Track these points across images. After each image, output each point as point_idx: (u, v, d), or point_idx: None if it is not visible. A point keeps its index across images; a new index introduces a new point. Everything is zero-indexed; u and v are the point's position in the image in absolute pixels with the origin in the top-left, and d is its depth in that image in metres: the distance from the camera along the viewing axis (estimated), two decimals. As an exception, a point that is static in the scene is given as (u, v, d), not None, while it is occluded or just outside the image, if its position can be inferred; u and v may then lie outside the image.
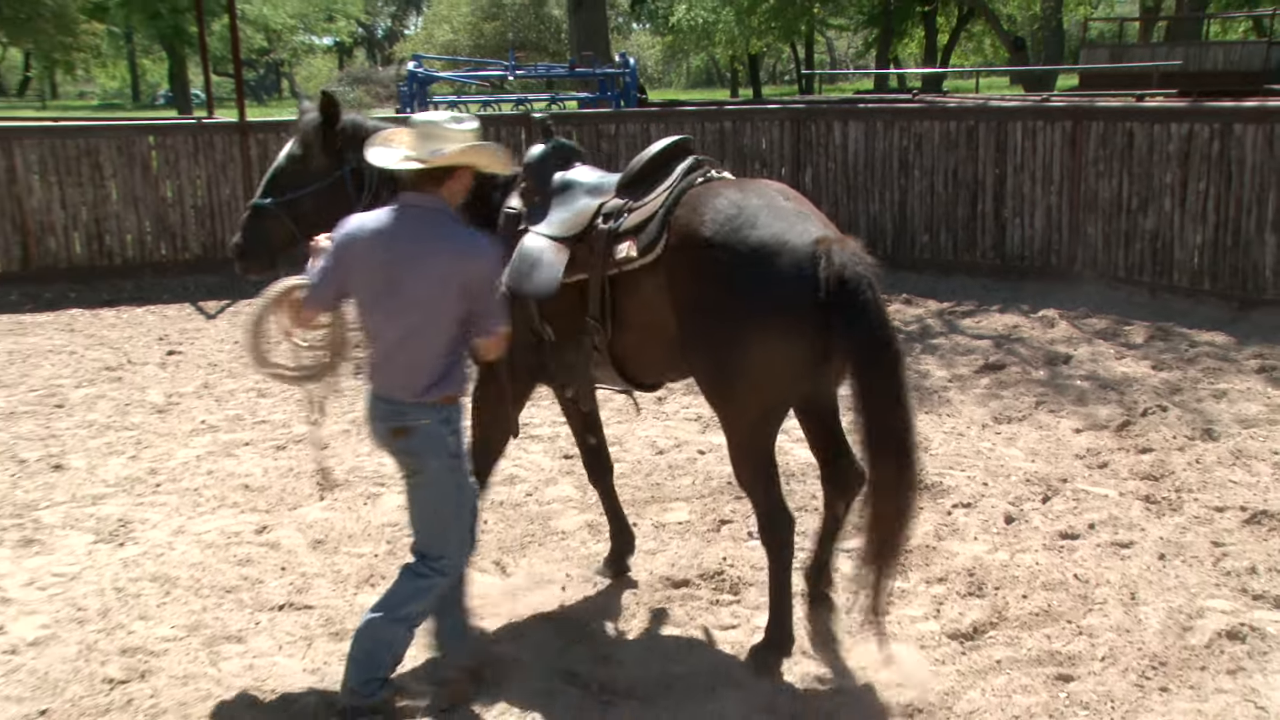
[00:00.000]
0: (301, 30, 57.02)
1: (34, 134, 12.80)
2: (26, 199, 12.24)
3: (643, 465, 6.99)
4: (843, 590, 5.08)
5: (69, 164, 12.42)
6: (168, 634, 4.99)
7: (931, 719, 4.27)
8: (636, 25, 59.46)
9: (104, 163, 12.53)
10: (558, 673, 4.64)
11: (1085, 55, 31.90)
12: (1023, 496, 6.37)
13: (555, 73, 22.23)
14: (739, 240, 4.27)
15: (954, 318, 10.72)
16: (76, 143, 12.56)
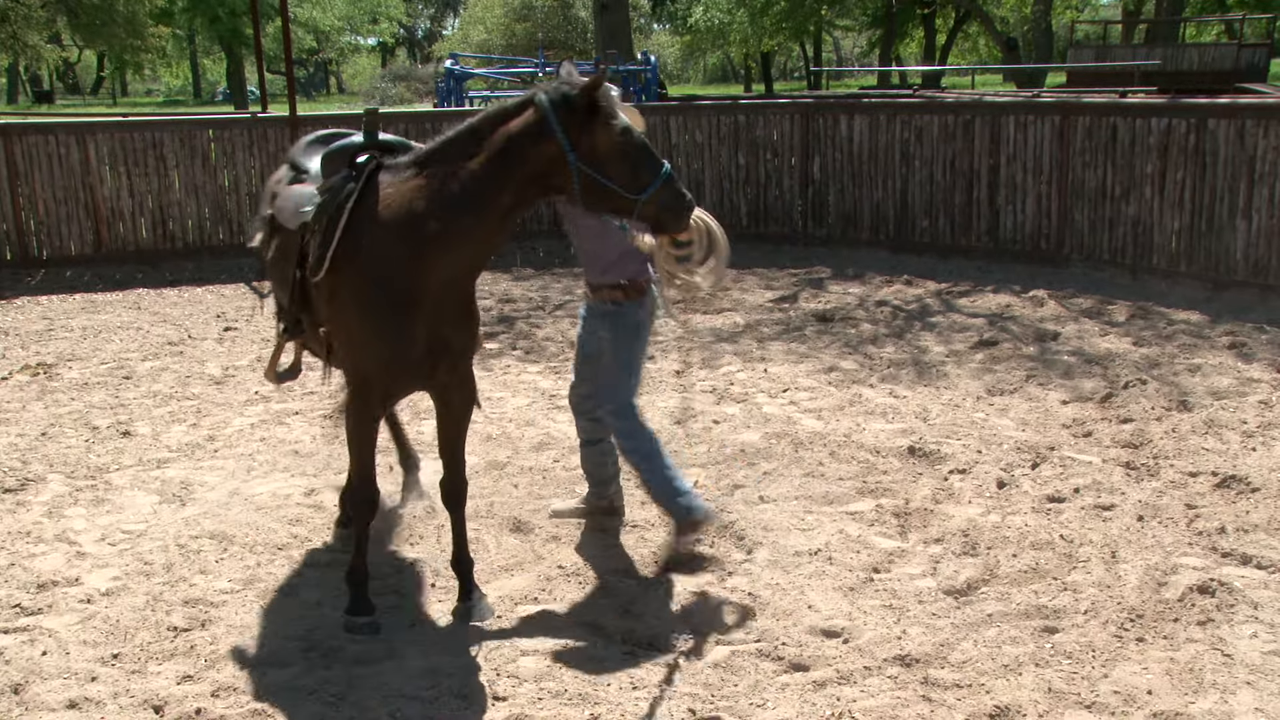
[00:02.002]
0: (348, 31, 56.95)
1: (106, 128, 12.83)
2: (99, 188, 12.29)
3: (661, 434, 6.92)
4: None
5: (136, 156, 12.46)
6: (225, 587, 5.01)
7: (928, 668, 4.25)
8: (657, 25, 59.11)
9: (168, 155, 12.56)
10: (582, 625, 4.64)
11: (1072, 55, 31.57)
12: (1013, 463, 6.33)
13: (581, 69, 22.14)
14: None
15: (951, 297, 10.64)
16: (143, 136, 12.59)
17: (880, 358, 8.65)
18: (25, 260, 12.05)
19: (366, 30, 60.31)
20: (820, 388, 7.89)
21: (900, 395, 7.68)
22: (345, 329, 4.45)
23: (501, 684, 4.19)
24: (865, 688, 4.14)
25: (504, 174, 4.24)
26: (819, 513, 5.73)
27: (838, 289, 11.16)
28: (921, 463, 6.37)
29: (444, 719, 3.97)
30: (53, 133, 12.38)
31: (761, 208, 13.20)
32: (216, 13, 42.98)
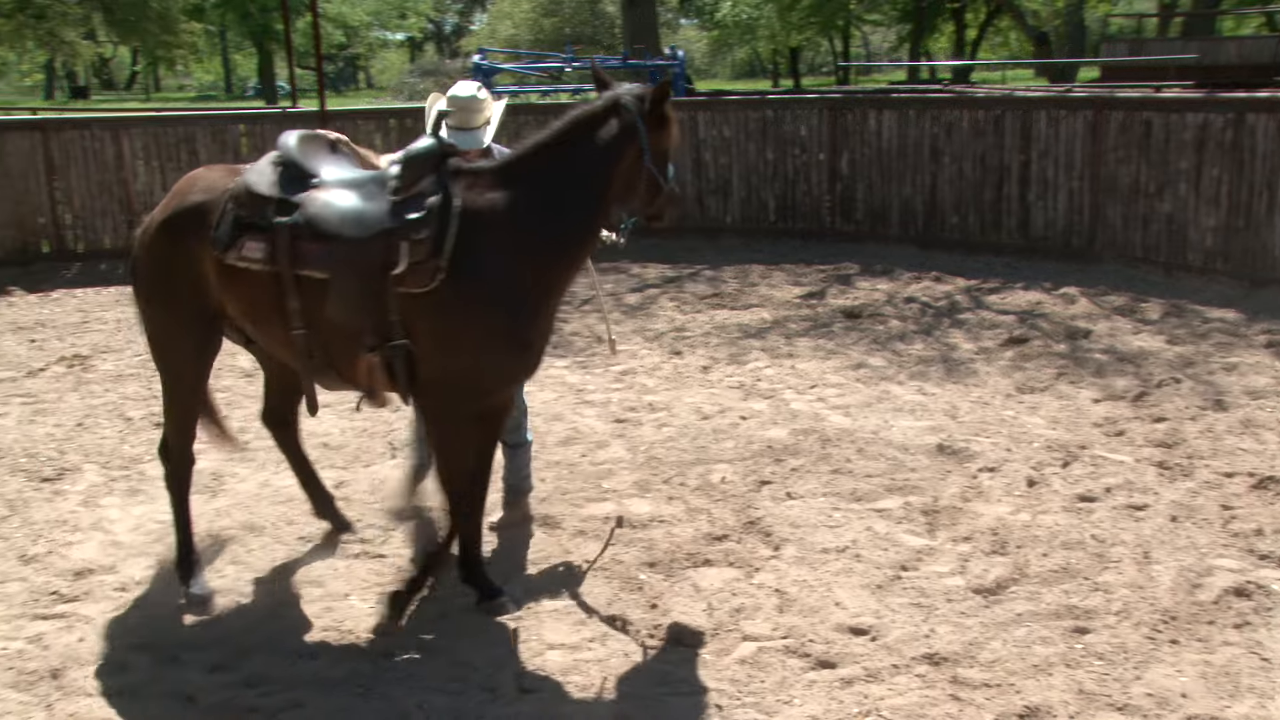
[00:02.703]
0: (376, 27, 57.07)
1: (139, 123, 12.97)
2: (132, 182, 12.40)
3: (689, 429, 6.97)
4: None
5: (169, 150, 12.56)
6: (255, 577, 5.05)
7: (956, 667, 4.22)
8: (685, 20, 59.00)
9: (200, 149, 12.64)
10: (608, 619, 4.64)
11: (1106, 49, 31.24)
12: (1044, 462, 6.28)
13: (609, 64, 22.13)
14: None
15: (980, 294, 10.56)
16: (176, 131, 12.70)
17: (909, 354, 8.60)
18: (62, 253, 12.17)
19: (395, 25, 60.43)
20: (848, 384, 7.86)
21: (929, 392, 7.64)
22: (460, 337, 4.31)
23: (528, 678, 4.20)
24: (893, 686, 4.12)
25: (608, 174, 4.41)
26: (846, 510, 5.70)
27: (866, 285, 11.11)
28: (950, 460, 6.33)
29: (471, 712, 3.98)
30: (88, 128, 12.52)
31: (789, 203, 13.14)
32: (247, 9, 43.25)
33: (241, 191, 4.49)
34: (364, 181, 4.47)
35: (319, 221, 4.36)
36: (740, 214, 13.28)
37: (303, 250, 4.36)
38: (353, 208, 4.37)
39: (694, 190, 13.35)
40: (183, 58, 41.09)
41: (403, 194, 4.33)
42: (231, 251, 4.43)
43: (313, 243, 4.35)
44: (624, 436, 6.87)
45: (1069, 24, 37.16)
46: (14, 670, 4.28)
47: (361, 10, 51.36)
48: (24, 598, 4.89)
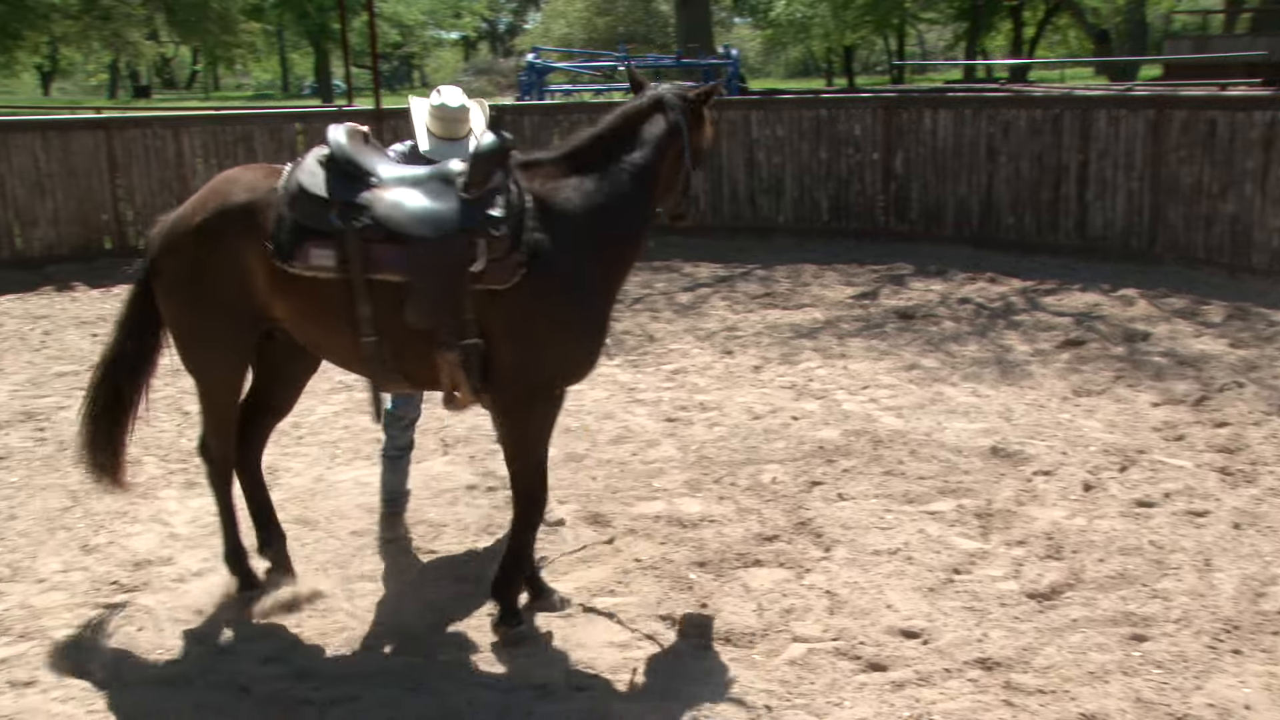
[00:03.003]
0: (431, 26, 57.53)
1: (198, 122, 13.19)
2: (192, 179, 12.58)
3: (740, 429, 6.95)
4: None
5: (227, 148, 12.75)
6: (307, 571, 5.09)
7: (1010, 672, 4.17)
8: (739, 19, 58.84)
9: (257, 147, 12.83)
10: (657, 618, 4.64)
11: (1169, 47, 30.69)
12: (1101, 466, 6.19)
13: (663, 64, 22.14)
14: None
15: (1036, 295, 10.43)
16: (234, 129, 12.90)
17: (963, 356, 8.51)
18: (123, 249, 12.38)
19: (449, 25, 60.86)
20: (901, 385, 7.80)
21: (983, 394, 7.55)
22: (536, 332, 4.29)
23: (578, 676, 4.21)
24: (945, 690, 4.08)
25: (658, 169, 4.47)
26: (899, 512, 5.66)
27: (919, 285, 11.01)
28: (1004, 463, 6.26)
29: (521, 709, 4.00)
30: (150, 126, 12.74)
31: (843, 203, 13.06)
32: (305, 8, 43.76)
33: (298, 195, 4.30)
34: (426, 179, 4.37)
35: (391, 223, 4.23)
36: (793, 213, 13.22)
37: (376, 254, 4.21)
38: (426, 207, 4.26)
39: (746, 190, 13.32)
40: (241, 57, 41.70)
41: (474, 191, 4.27)
42: (296, 260, 4.23)
43: (386, 245, 4.22)
44: (675, 435, 6.87)
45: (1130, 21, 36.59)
46: (77, 658, 4.36)
47: (417, 9, 51.79)
48: (86, 587, 4.98)
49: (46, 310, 10.75)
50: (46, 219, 12.23)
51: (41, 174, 12.15)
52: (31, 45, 32.54)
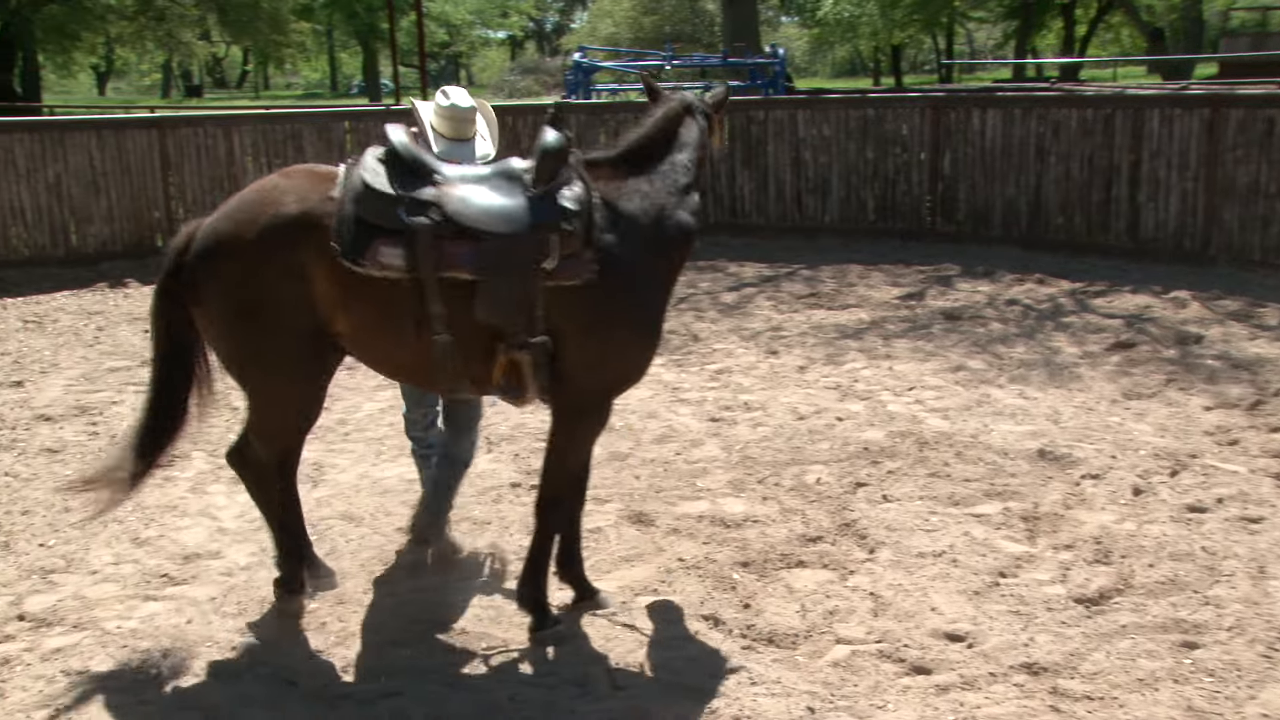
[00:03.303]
0: (478, 25, 57.88)
1: (249, 121, 13.38)
2: (242, 177, 12.75)
3: (784, 430, 6.92)
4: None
5: (276, 146, 12.92)
6: (352, 567, 5.14)
7: (1056, 678, 4.13)
8: (786, 18, 58.62)
9: (305, 145, 12.99)
10: (699, 617, 4.63)
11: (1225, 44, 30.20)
12: (1151, 470, 6.10)
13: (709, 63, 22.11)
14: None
15: (1085, 297, 10.30)
16: (283, 128, 13.06)
17: (1010, 358, 8.43)
18: (173, 247, 12.56)
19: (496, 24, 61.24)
20: (947, 387, 7.73)
21: (1030, 396, 7.47)
22: (605, 328, 4.27)
23: (620, 674, 4.21)
24: (990, 695, 4.04)
25: (695, 170, 4.57)
26: (944, 514, 5.61)
27: (966, 286, 10.92)
28: (1052, 466, 6.19)
29: (563, 706, 4.01)
30: (201, 125, 12.93)
31: (889, 203, 12.98)
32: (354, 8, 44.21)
33: (363, 192, 4.17)
34: (490, 176, 4.32)
35: (462, 219, 4.15)
36: (839, 213, 13.16)
37: (447, 251, 4.12)
38: (496, 204, 4.20)
39: (793, 190, 13.27)
40: (291, 56, 42.18)
41: (541, 187, 4.24)
42: (366, 260, 4.09)
43: (458, 243, 4.13)
44: (719, 435, 6.86)
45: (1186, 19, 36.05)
46: (128, 649, 4.43)
47: (464, 9, 52.13)
48: (136, 579, 5.06)
49: (100, 306, 10.94)
50: (101, 216, 12.45)
51: (96, 172, 12.37)
52: (88, 46, 33.15)
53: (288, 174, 4.44)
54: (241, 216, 4.25)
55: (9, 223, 11.99)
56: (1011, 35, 41.26)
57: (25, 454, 6.72)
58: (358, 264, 4.09)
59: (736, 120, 13.46)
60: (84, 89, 61.80)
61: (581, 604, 4.71)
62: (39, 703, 4.05)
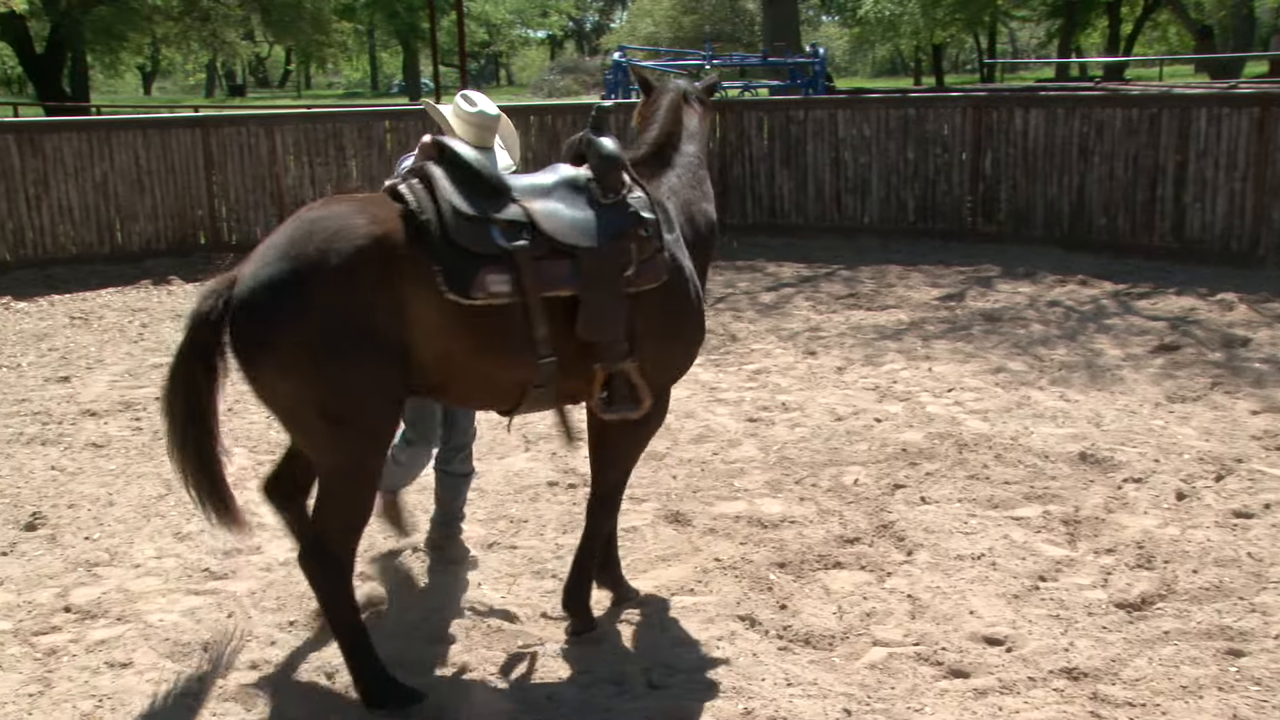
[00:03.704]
0: (518, 24, 58.11)
1: (291, 120, 13.50)
2: (284, 176, 12.89)
3: (822, 430, 6.90)
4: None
5: (318, 146, 13.03)
6: (389, 563, 5.18)
7: (1097, 683, 4.08)
8: (826, 18, 58.38)
9: (346, 145, 13.10)
10: (736, 617, 4.63)
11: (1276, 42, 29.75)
12: (1195, 474, 6.02)
13: (749, 62, 22.06)
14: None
15: (1129, 299, 10.19)
16: (325, 127, 13.17)
17: (1051, 359, 8.35)
18: (217, 245, 12.71)
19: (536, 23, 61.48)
20: (986, 388, 7.67)
21: (1072, 399, 7.40)
22: (672, 328, 4.29)
23: (656, 673, 4.22)
24: (1029, 699, 4.01)
25: (705, 159, 4.68)
26: (983, 516, 5.57)
27: (1007, 287, 10.83)
28: (1093, 470, 6.12)
29: (599, 705, 4.02)
30: (244, 124, 13.07)
31: (929, 203, 12.89)
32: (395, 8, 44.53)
33: (458, 218, 3.90)
34: (557, 187, 4.18)
35: (556, 236, 4.01)
36: (878, 214, 13.09)
37: (546, 271, 3.97)
38: (579, 217, 4.09)
39: (832, 189, 13.22)
40: (333, 56, 42.52)
41: (611, 196, 4.18)
42: (476, 291, 3.82)
43: (554, 261, 3.99)
44: (756, 436, 6.85)
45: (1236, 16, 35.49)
46: (170, 641, 4.49)
47: (504, 8, 52.37)
48: (179, 573, 5.13)
49: (144, 303, 11.08)
50: (145, 214, 12.61)
51: (142, 171, 12.53)
52: (135, 46, 33.57)
53: (332, 204, 3.97)
54: (302, 255, 3.72)
55: (57, 221, 12.18)
56: (1055, 34, 40.85)
57: (71, 449, 6.83)
58: (470, 297, 3.82)
59: (776, 120, 13.43)
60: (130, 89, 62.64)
61: (620, 605, 4.72)
62: (84, 694, 4.12)
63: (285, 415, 3.93)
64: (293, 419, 3.91)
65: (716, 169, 13.59)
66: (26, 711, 4.01)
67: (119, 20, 28.05)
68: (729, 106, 14.29)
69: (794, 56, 19.88)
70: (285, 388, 3.77)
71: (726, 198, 13.63)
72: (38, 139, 12.08)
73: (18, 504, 5.94)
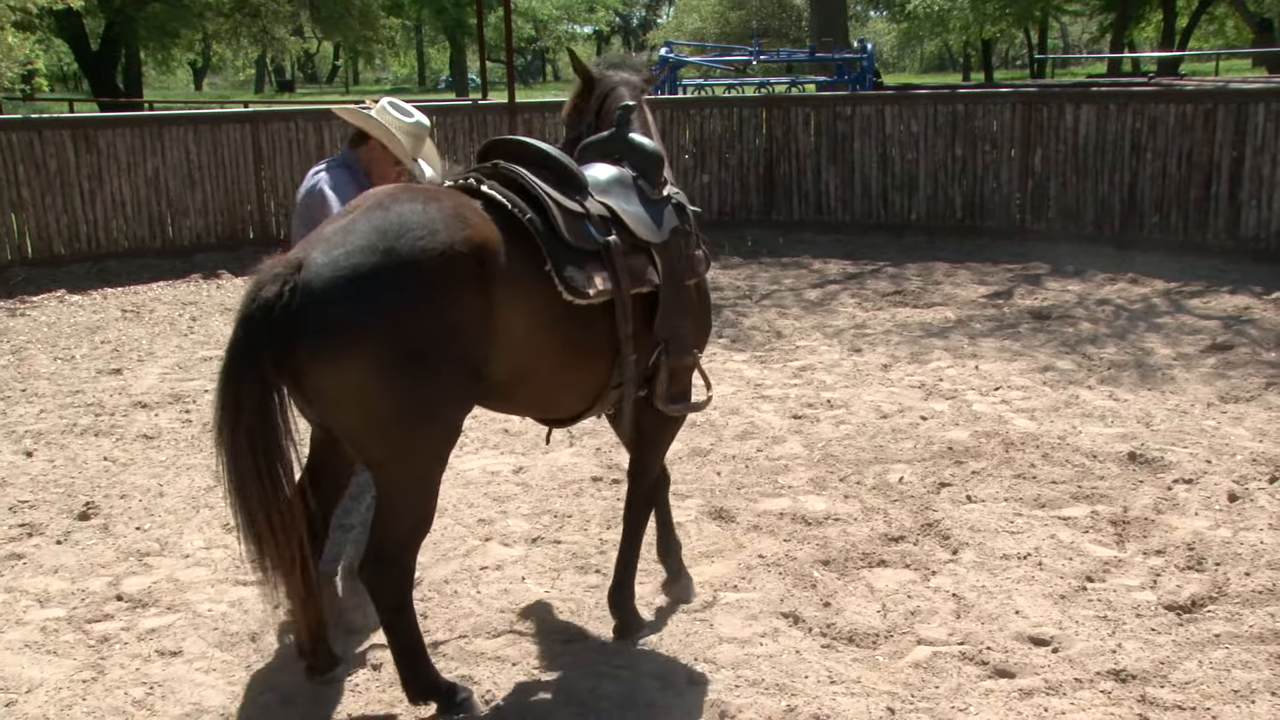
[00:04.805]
0: (565, 20, 58.21)
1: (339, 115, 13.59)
2: (330, 171, 13.00)
3: (867, 428, 6.87)
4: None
5: (366, 141, 13.12)
6: (434, 558, 5.23)
7: (1145, 686, 4.04)
8: (874, 13, 57.99)
9: (394, 140, 13.18)
10: (779, 614, 4.62)
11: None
12: (1248, 476, 5.93)
13: (796, 58, 21.97)
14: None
15: (1181, 297, 10.04)
16: (372, 123, 13.26)
17: (1100, 358, 8.26)
18: (266, 239, 12.87)
19: (583, 19, 61.55)
20: (1034, 387, 7.60)
21: (1121, 398, 7.31)
22: (701, 323, 4.41)
23: (700, 668, 4.23)
24: (1075, 700, 3.97)
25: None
26: (1029, 516, 5.52)
27: (1056, 286, 10.71)
28: (1143, 470, 6.05)
29: (642, 699, 4.03)
30: (293, 120, 13.20)
31: (977, 200, 12.78)
32: (442, 4, 44.76)
33: (559, 215, 3.79)
34: (610, 183, 4.15)
35: (634, 230, 4.02)
36: (926, 210, 13.00)
37: (634, 266, 3.95)
38: (640, 211, 4.10)
39: (879, 186, 13.14)
40: (380, 52, 42.87)
41: (658, 192, 4.23)
42: (589, 287, 3.76)
43: (635, 255, 3.98)
44: (801, 433, 6.83)
45: (1293, 10, 34.84)
46: (219, 631, 4.57)
47: (551, 4, 52.49)
48: (227, 564, 5.20)
49: (194, 297, 11.25)
50: (196, 209, 12.79)
51: (192, 166, 12.71)
52: (187, 43, 34.07)
53: (415, 196, 3.63)
54: (395, 249, 3.43)
55: (110, 215, 12.38)
56: (1108, 29, 40.30)
57: (123, 440, 6.95)
58: (582, 294, 3.74)
59: (823, 116, 13.37)
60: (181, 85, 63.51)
61: (673, 591, 4.77)
62: (136, 680, 4.20)
63: (354, 420, 3.53)
64: (365, 424, 3.52)
65: (763, 165, 13.57)
66: (80, 696, 4.09)
67: (172, 17, 28.47)
68: (776, 103, 14.24)
69: (841, 52, 19.78)
70: (365, 390, 3.42)
71: (773, 194, 13.59)
72: (92, 134, 12.30)
73: (71, 494, 6.06)
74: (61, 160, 12.08)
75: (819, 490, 5.92)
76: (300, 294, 3.37)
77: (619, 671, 4.22)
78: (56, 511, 5.83)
